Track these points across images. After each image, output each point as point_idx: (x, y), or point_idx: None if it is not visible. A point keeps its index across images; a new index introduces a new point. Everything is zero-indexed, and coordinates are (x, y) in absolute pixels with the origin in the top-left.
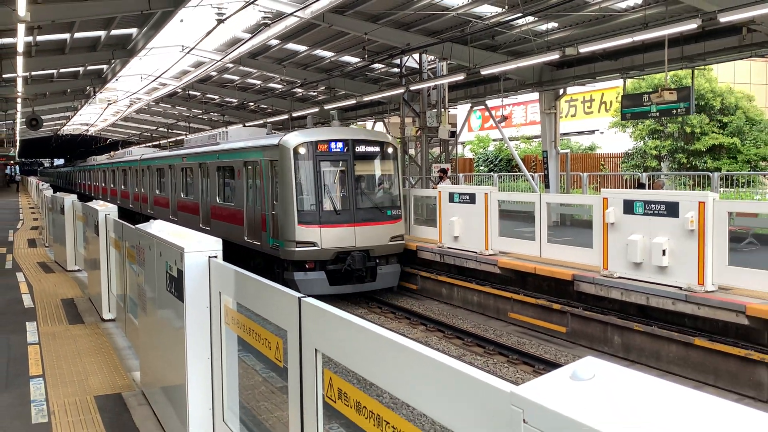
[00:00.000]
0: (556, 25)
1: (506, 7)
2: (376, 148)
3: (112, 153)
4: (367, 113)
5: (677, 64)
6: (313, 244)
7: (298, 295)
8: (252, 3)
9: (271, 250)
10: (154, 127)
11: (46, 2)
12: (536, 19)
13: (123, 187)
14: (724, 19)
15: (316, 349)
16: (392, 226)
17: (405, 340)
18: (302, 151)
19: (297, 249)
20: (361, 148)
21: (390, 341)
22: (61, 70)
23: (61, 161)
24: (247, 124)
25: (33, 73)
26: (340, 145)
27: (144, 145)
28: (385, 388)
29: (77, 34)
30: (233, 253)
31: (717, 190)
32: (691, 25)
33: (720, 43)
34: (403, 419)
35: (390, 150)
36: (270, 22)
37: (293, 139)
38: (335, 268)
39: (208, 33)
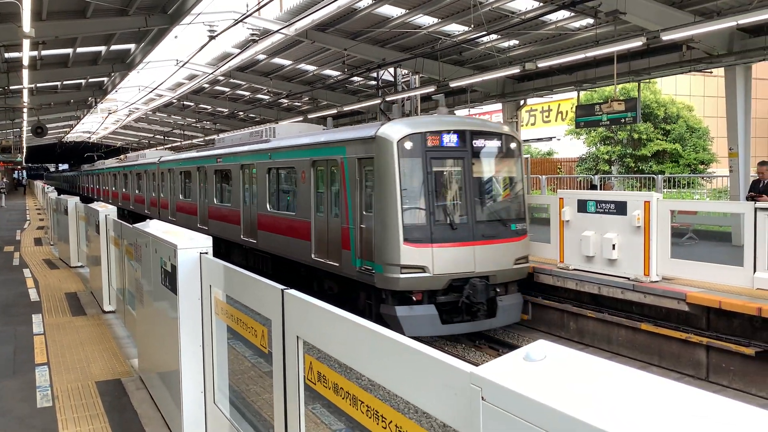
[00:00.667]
0: (517, 42)
1: (472, 26)
2: (498, 143)
3: (123, 156)
4: (347, 122)
5: (625, 78)
6: (423, 269)
7: (281, 287)
8: (241, 21)
9: (359, 275)
10: (152, 135)
11: (50, 19)
12: (499, 36)
13: (137, 191)
14: (667, 37)
15: (297, 336)
16: (517, 245)
17: (378, 327)
18: (408, 145)
19: (402, 276)
20: (479, 142)
21: (364, 328)
22: (65, 82)
23: (65, 166)
24: (308, 116)
25: (38, 84)
26: (454, 138)
27: (160, 147)
28: (360, 371)
29: (79, 49)
30: (289, 270)
31: (661, 191)
32: (637, 43)
33: (663, 59)
34: (377, 399)
35: (513, 145)
36: (257, 38)
37: (396, 129)
38: (447, 301)
39: (201, 48)
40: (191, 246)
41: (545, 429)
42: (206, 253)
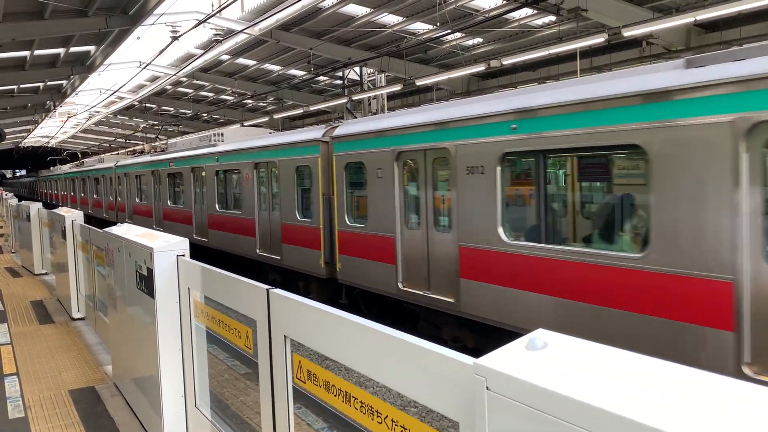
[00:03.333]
0: (481, 40)
1: (437, 24)
2: None
3: (144, 147)
4: (313, 122)
5: (587, 74)
6: None
7: (265, 286)
8: (204, 21)
9: None
10: (113, 138)
11: (6, 21)
12: (464, 34)
13: (206, 203)
14: (627, 33)
15: (285, 336)
16: None
17: (375, 325)
18: None
19: None
20: None
21: (358, 325)
22: (22, 86)
23: (22, 172)
24: None
25: None
26: None
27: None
28: (353, 368)
29: (37, 52)
30: None
31: None
32: (598, 39)
33: (624, 54)
34: (370, 395)
35: None
36: (221, 38)
37: None
38: None
39: (163, 49)
40: (168, 249)
41: (551, 414)
42: (183, 255)
